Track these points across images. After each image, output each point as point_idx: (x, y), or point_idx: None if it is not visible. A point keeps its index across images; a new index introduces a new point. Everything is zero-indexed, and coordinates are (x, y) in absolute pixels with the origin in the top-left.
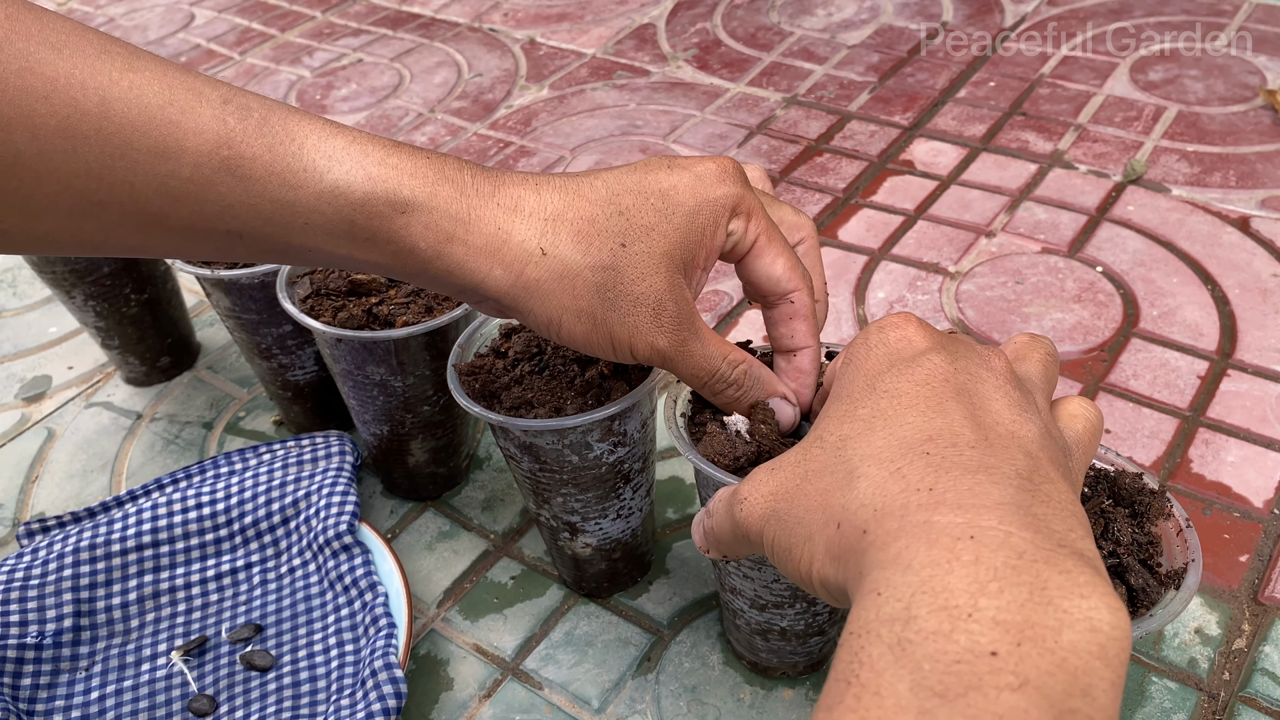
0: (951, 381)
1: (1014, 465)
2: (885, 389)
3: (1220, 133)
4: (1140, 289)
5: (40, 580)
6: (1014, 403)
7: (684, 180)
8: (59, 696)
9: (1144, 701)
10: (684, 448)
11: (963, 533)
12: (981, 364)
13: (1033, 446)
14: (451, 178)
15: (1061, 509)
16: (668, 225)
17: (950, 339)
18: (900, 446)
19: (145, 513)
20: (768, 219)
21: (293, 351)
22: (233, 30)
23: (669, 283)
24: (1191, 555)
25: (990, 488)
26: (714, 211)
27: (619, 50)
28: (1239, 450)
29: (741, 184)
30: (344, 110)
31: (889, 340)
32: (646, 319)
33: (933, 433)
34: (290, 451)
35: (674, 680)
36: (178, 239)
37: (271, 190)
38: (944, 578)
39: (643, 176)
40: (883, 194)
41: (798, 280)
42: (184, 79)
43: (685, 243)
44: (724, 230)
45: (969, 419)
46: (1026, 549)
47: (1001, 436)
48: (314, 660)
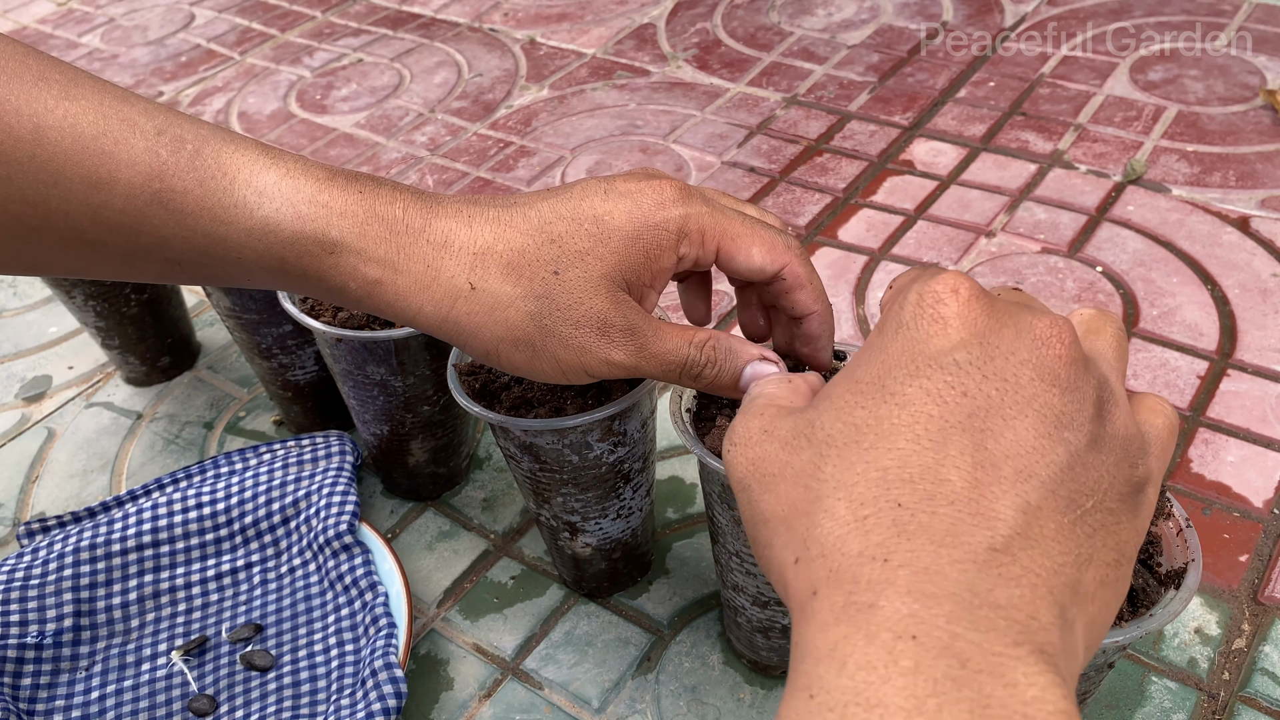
0: (969, 397)
1: (992, 531)
2: (891, 392)
3: (1220, 133)
4: (1140, 289)
5: (40, 580)
6: (1048, 420)
7: (620, 206)
8: (59, 696)
9: (1144, 701)
10: (692, 444)
11: (905, 630)
12: (1026, 363)
13: (1040, 491)
14: (382, 215)
15: (1033, 587)
16: (604, 249)
17: (999, 319)
18: (876, 485)
19: (145, 513)
20: (725, 219)
21: (293, 351)
22: (233, 30)
23: (610, 300)
24: (1191, 555)
25: (949, 569)
26: (657, 237)
27: (619, 50)
28: (1239, 450)
29: (685, 204)
30: (344, 110)
31: (921, 323)
32: (593, 339)
33: (916, 473)
34: (290, 451)
35: (674, 680)
36: (117, 264)
37: (203, 225)
38: (879, 688)
39: (577, 203)
40: (883, 194)
41: (781, 256)
42: (120, 108)
43: (624, 265)
44: (671, 254)
45: (970, 455)
46: (971, 656)
47: (1004, 480)
48: (314, 660)
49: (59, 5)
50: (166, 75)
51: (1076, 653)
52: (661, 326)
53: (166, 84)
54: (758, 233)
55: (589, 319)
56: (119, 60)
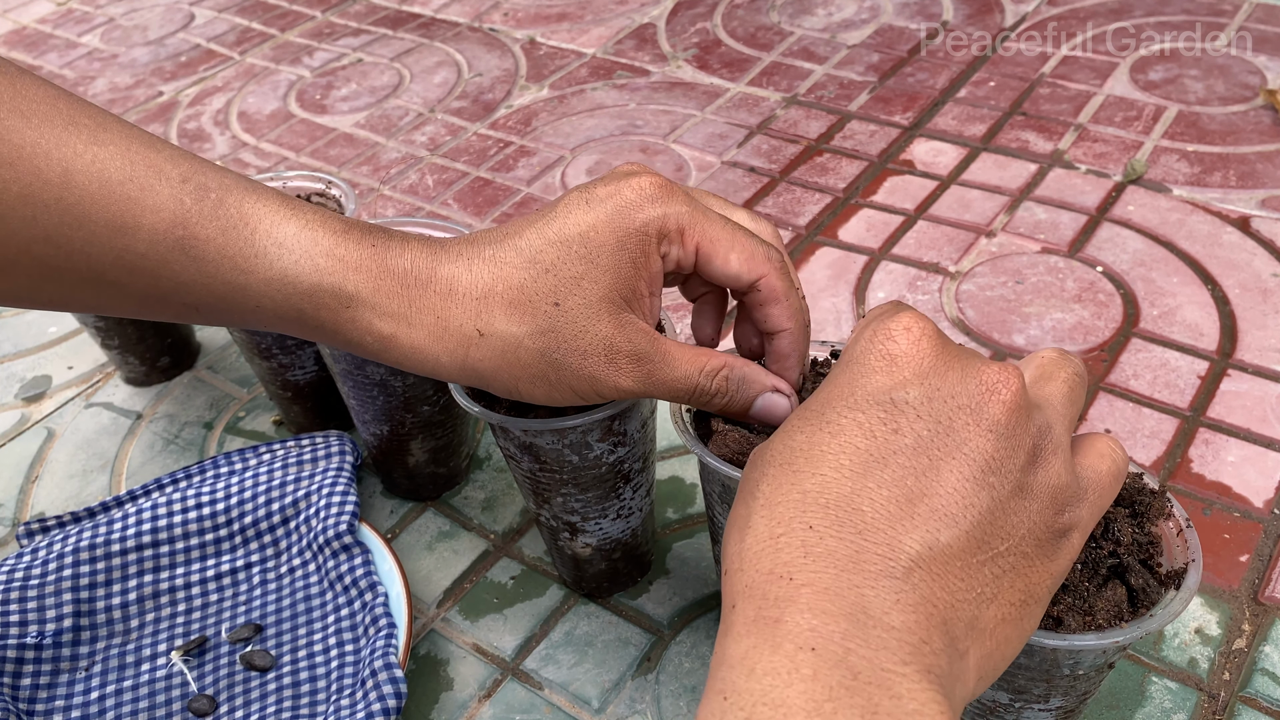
0: (900, 434)
1: (894, 562)
2: (828, 420)
3: (1220, 133)
4: (1140, 289)
5: (40, 580)
6: (978, 467)
7: (602, 216)
8: (59, 696)
9: (1144, 701)
10: (694, 446)
11: (806, 642)
12: (964, 408)
13: (952, 531)
14: (393, 268)
15: (928, 616)
16: (596, 270)
17: (946, 362)
18: (795, 506)
19: (145, 513)
20: (706, 220)
21: (292, 351)
22: (233, 30)
23: (614, 325)
24: (1192, 555)
25: (848, 591)
26: (640, 241)
27: (619, 50)
28: (1239, 450)
29: (665, 202)
30: (344, 110)
31: (869, 358)
32: (602, 367)
33: (833, 499)
34: (290, 451)
35: (674, 680)
36: (136, 305)
37: (224, 273)
38: (783, 690)
39: (562, 225)
40: (883, 194)
41: (759, 267)
42: (146, 154)
43: (619, 281)
44: (656, 258)
45: (887, 489)
46: (863, 669)
47: (917, 516)
48: (314, 660)
49: (59, 5)
50: (166, 75)
51: (967, 680)
52: (670, 351)
53: (166, 84)
54: (738, 239)
55: (595, 348)
56: (119, 60)
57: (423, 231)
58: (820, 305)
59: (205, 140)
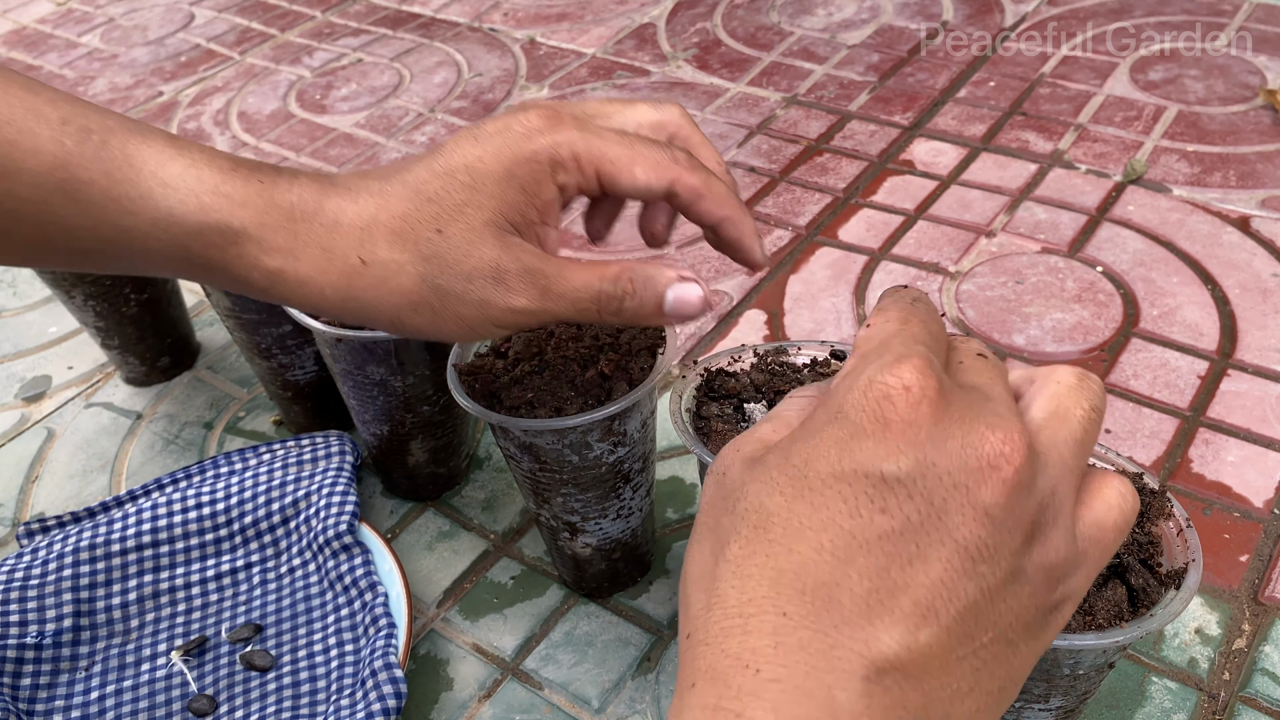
0: (887, 515)
1: (868, 661)
2: (811, 486)
3: (1220, 133)
4: (1140, 289)
5: (40, 580)
6: (967, 556)
7: (489, 149)
8: (59, 696)
9: (1144, 701)
10: (692, 444)
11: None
12: (959, 487)
13: (933, 629)
14: (279, 203)
15: (899, 718)
16: (481, 197)
17: (946, 429)
18: (770, 585)
19: (145, 513)
20: (601, 141)
21: (293, 351)
22: (233, 30)
23: (500, 246)
24: (1192, 555)
25: (817, 691)
26: (530, 170)
27: (619, 50)
28: (1239, 450)
29: (553, 131)
30: (344, 110)
31: (862, 418)
32: (490, 289)
33: (810, 585)
34: (290, 451)
35: (673, 680)
36: (25, 253)
37: (109, 215)
38: None
39: (449, 157)
40: (883, 194)
41: (666, 172)
42: (24, 97)
43: (505, 208)
44: (550, 185)
45: (870, 579)
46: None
47: (898, 610)
48: (314, 660)
49: (59, 5)
50: (166, 75)
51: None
52: (566, 265)
53: (166, 84)
54: (638, 151)
55: (481, 270)
56: (119, 60)
57: None
58: (820, 305)
59: (205, 140)
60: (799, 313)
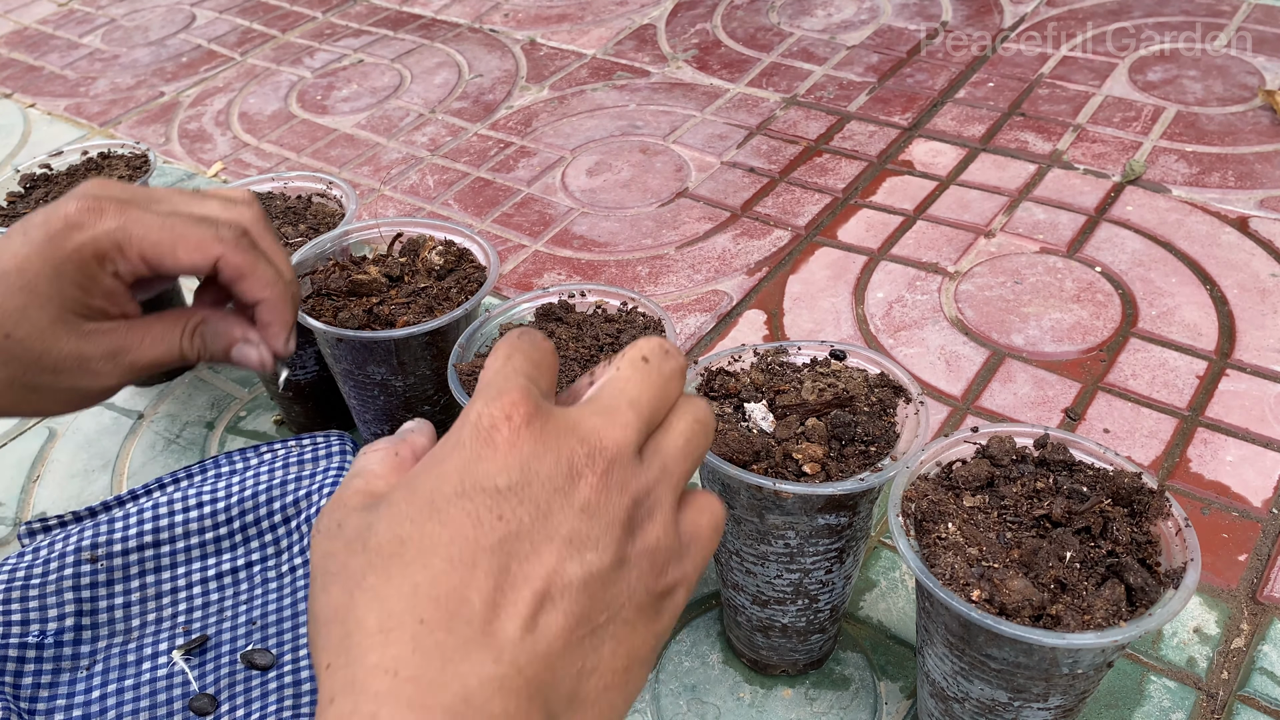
0: (504, 521)
1: (499, 650)
2: (438, 509)
3: (1219, 133)
4: (1139, 289)
5: (41, 580)
6: (574, 548)
7: (34, 248)
8: (60, 695)
9: (1143, 700)
10: None
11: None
12: (558, 491)
13: (552, 613)
14: None
15: (529, 699)
16: (39, 299)
17: (545, 445)
18: (407, 599)
19: (146, 512)
20: (142, 227)
21: (293, 351)
22: (234, 31)
23: (78, 336)
24: (1190, 554)
25: (452, 682)
26: (77, 266)
27: (619, 51)
28: (1238, 450)
29: (93, 225)
30: (345, 110)
31: (476, 444)
32: (77, 377)
33: (444, 592)
34: (291, 451)
35: (674, 679)
36: None
37: None
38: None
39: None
40: (882, 194)
41: (210, 249)
42: None
43: (67, 303)
44: (103, 277)
45: (493, 577)
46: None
47: (520, 602)
48: None
49: (60, 5)
50: (167, 76)
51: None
52: (148, 331)
53: (167, 84)
54: (179, 232)
55: (65, 362)
56: (120, 60)
57: (423, 233)
58: (820, 305)
59: (206, 141)
60: (798, 313)
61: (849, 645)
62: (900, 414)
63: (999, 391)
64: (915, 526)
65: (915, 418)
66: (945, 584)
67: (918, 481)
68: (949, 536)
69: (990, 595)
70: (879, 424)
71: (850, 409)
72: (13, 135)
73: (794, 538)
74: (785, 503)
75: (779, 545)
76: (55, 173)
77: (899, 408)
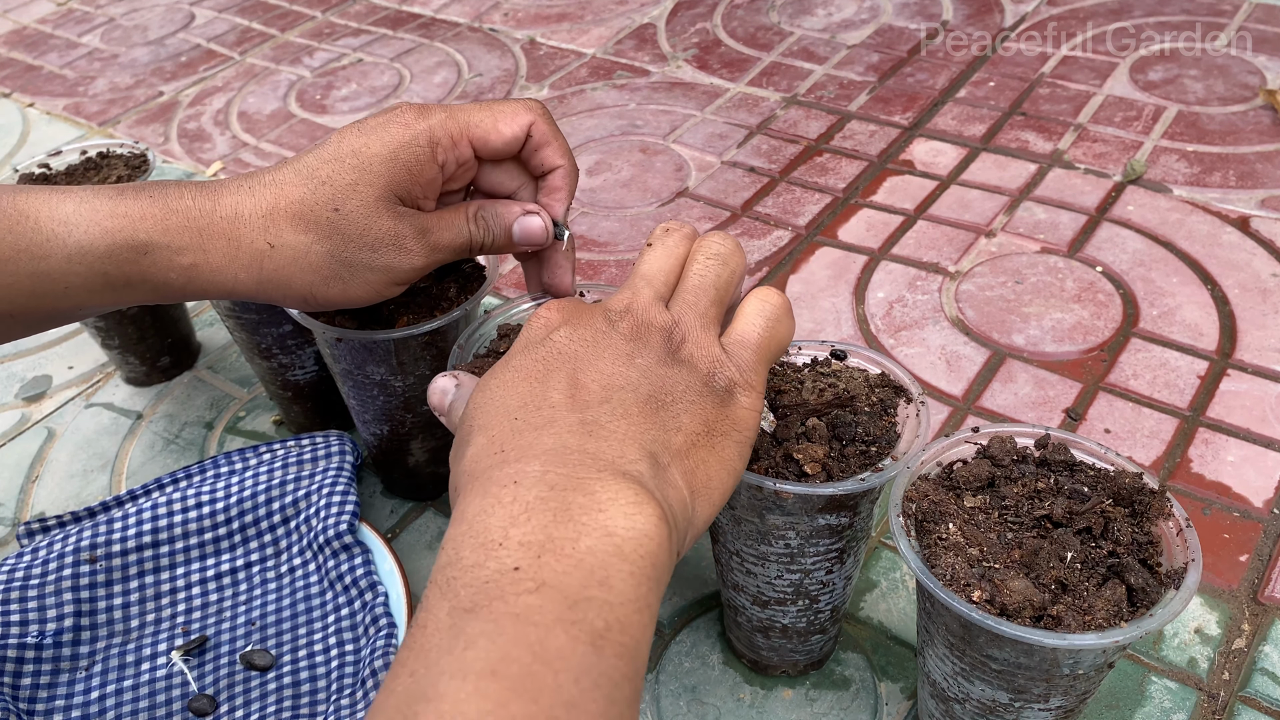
0: (564, 353)
1: (581, 414)
2: (515, 365)
3: (1220, 133)
4: (1140, 289)
5: (40, 580)
6: (621, 357)
7: (373, 136)
8: (59, 696)
9: (1144, 701)
10: None
11: (508, 480)
12: (601, 328)
13: (622, 392)
14: (175, 208)
15: (621, 439)
16: (370, 176)
17: (584, 310)
18: (502, 415)
19: (145, 513)
20: (466, 115)
21: (293, 351)
22: (233, 30)
23: (394, 216)
24: (1191, 555)
25: (546, 438)
26: (412, 153)
27: (619, 50)
28: (1239, 450)
29: (425, 118)
30: (344, 110)
31: (532, 327)
32: (393, 254)
33: (529, 399)
34: (290, 451)
35: (674, 680)
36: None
37: (24, 266)
38: (485, 520)
39: (336, 145)
40: (882, 194)
41: (523, 117)
42: None
43: (394, 183)
44: (432, 164)
45: (566, 380)
46: (559, 481)
47: (593, 388)
48: (314, 660)
49: (59, 5)
50: (166, 75)
51: (677, 484)
52: (442, 218)
53: (166, 84)
54: (496, 111)
55: (384, 239)
56: (119, 60)
57: None
58: (820, 305)
59: (205, 140)
60: (799, 312)
61: (849, 646)
62: (901, 414)
63: (1000, 391)
64: (916, 527)
65: (916, 418)
66: (946, 585)
67: (918, 482)
68: (950, 537)
69: (991, 596)
70: (880, 424)
71: (851, 409)
72: (11, 135)
73: (794, 538)
74: (786, 503)
75: (779, 546)
76: (54, 172)
77: (900, 408)
